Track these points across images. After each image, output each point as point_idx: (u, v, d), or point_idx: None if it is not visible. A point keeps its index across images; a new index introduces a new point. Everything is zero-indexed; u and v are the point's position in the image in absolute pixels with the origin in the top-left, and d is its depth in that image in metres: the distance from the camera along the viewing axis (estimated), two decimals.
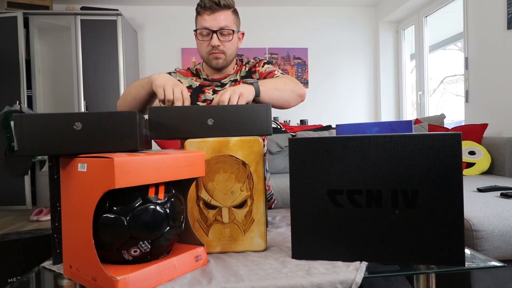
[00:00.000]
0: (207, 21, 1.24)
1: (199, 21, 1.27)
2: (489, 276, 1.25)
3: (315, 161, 0.76)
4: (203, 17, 1.24)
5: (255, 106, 0.90)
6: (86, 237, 0.62)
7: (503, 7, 2.57)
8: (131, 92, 1.19)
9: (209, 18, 1.23)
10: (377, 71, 4.53)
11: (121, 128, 0.71)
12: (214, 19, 1.23)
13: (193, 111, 0.89)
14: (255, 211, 0.84)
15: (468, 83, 2.97)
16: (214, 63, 1.29)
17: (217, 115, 0.89)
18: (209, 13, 1.23)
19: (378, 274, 0.72)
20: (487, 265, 0.73)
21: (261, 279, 0.67)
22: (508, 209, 1.34)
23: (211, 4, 1.22)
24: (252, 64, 1.38)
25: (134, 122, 0.71)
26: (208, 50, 1.27)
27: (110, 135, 0.71)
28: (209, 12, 1.23)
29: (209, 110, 0.89)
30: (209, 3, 1.22)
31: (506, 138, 2.33)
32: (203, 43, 1.27)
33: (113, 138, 0.71)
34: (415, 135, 0.71)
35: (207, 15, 1.23)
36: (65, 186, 0.69)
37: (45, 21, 3.61)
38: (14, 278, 1.26)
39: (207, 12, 1.23)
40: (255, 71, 1.36)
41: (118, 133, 0.71)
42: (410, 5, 3.82)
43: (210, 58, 1.28)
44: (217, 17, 1.23)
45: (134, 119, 0.71)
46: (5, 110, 3.31)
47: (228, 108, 0.90)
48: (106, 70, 3.61)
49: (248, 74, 1.36)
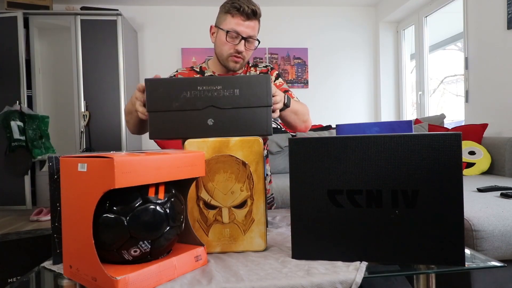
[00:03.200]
0: (240, 26, 1.24)
1: (230, 22, 1.25)
2: (489, 276, 1.25)
3: (315, 161, 0.76)
4: (237, 21, 1.24)
5: (255, 77, 0.91)
6: (86, 237, 0.62)
7: (503, 7, 2.57)
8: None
9: (244, 24, 1.24)
10: (377, 71, 4.53)
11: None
12: (248, 27, 1.25)
13: (194, 111, 0.89)
14: (255, 211, 0.84)
15: (468, 83, 2.97)
16: (232, 66, 1.31)
17: (217, 115, 0.89)
18: (244, 19, 1.24)
19: (378, 274, 0.72)
20: (487, 265, 0.73)
21: (261, 279, 0.67)
22: (508, 209, 1.34)
23: (250, 12, 1.23)
24: (263, 69, 1.41)
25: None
26: (230, 52, 1.28)
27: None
28: (244, 18, 1.24)
29: (209, 110, 0.89)
30: (248, 10, 1.23)
31: (506, 138, 2.33)
32: (227, 44, 1.27)
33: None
34: (415, 135, 0.71)
35: (242, 20, 1.24)
36: (65, 186, 0.69)
37: (45, 21, 3.61)
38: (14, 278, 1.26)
39: (242, 17, 1.24)
40: None
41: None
42: (410, 5, 3.82)
43: (229, 60, 1.30)
44: (250, 25, 1.25)
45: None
46: (5, 110, 3.31)
47: (227, 79, 0.90)
48: (106, 70, 3.61)
49: None
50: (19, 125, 3.32)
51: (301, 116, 1.25)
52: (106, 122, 3.61)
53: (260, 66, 1.41)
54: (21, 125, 3.33)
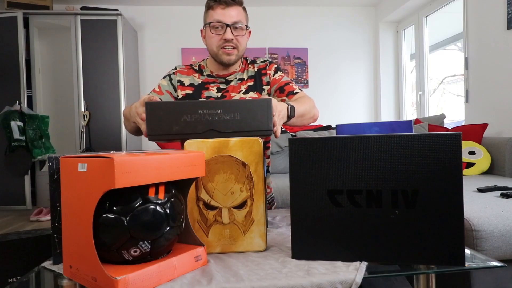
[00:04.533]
0: (220, 15, 1.24)
1: (211, 14, 1.26)
2: (489, 276, 1.25)
3: (315, 161, 0.76)
4: (216, 11, 1.25)
5: (256, 101, 0.91)
6: (86, 237, 0.62)
7: (503, 7, 2.57)
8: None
9: (223, 12, 1.24)
10: (377, 71, 4.53)
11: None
12: (228, 14, 1.24)
13: (194, 135, 0.89)
14: (255, 211, 0.84)
15: (468, 83, 2.97)
16: (225, 59, 1.28)
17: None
18: (223, 7, 1.24)
19: (378, 274, 0.72)
20: (487, 265, 0.73)
21: (261, 279, 0.67)
22: (508, 209, 1.34)
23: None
24: (261, 65, 1.38)
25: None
26: (219, 44, 1.27)
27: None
28: (223, 6, 1.24)
29: (209, 134, 0.88)
30: None
31: (506, 138, 2.33)
32: (215, 37, 1.27)
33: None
34: (415, 135, 0.71)
35: (221, 9, 1.24)
36: (65, 186, 0.69)
37: (45, 21, 3.61)
38: (14, 278, 1.26)
39: (221, 6, 1.24)
40: (265, 73, 1.36)
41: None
42: (410, 5, 3.82)
43: (221, 53, 1.28)
44: (231, 12, 1.25)
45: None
46: (5, 110, 3.31)
47: (228, 103, 0.90)
48: (106, 70, 3.61)
49: (257, 76, 1.36)
50: (19, 125, 3.32)
51: (307, 115, 1.23)
52: (106, 122, 3.61)
53: (258, 62, 1.39)
54: (21, 125, 3.33)
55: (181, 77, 1.36)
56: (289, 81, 1.35)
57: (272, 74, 1.36)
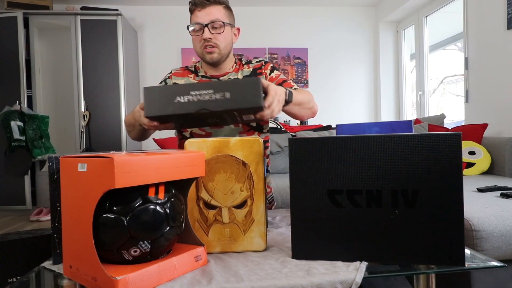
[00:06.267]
0: (198, 17, 1.27)
1: (192, 18, 1.31)
2: (489, 276, 1.25)
3: (315, 161, 0.76)
4: (195, 14, 1.29)
5: (244, 80, 0.95)
6: (86, 237, 0.62)
7: (503, 7, 2.56)
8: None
9: (200, 14, 1.27)
10: (377, 71, 4.53)
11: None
12: (205, 14, 1.27)
13: (187, 114, 0.94)
14: (255, 211, 0.84)
15: (468, 83, 2.97)
16: (208, 57, 1.30)
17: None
18: (200, 9, 1.28)
19: (378, 274, 0.72)
20: (487, 265, 0.73)
21: (261, 279, 0.67)
22: (508, 209, 1.34)
23: (202, 0, 1.27)
24: (257, 65, 1.39)
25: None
26: (201, 45, 1.30)
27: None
28: (200, 8, 1.28)
29: (202, 113, 0.93)
30: (199, 0, 1.27)
31: (506, 138, 2.33)
32: (195, 39, 1.31)
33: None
34: (415, 135, 0.71)
35: (198, 11, 1.28)
36: (65, 186, 0.69)
37: (45, 21, 3.60)
38: (14, 278, 1.26)
39: (198, 8, 1.28)
40: (261, 72, 1.37)
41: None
42: (410, 5, 3.82)
43: (204, 53, 1.30)
44: (208, 11, 1.27)
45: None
46: (5, 110, 3.31)
47: (218, 83, 0.93)
48: (106, 70, 3.61)
49: (253, 75, 1.36)
50: (19, 125, 3.32)
51: (306, 105, 1.23)
52: (106, 122, 3.61)
53: (253, 62, 1.40)
54: (21, 125, 3.33)
55: (176, 79, 1.39)
56: (286, 79, 1.36)
57: (268, 73, 1.37)
